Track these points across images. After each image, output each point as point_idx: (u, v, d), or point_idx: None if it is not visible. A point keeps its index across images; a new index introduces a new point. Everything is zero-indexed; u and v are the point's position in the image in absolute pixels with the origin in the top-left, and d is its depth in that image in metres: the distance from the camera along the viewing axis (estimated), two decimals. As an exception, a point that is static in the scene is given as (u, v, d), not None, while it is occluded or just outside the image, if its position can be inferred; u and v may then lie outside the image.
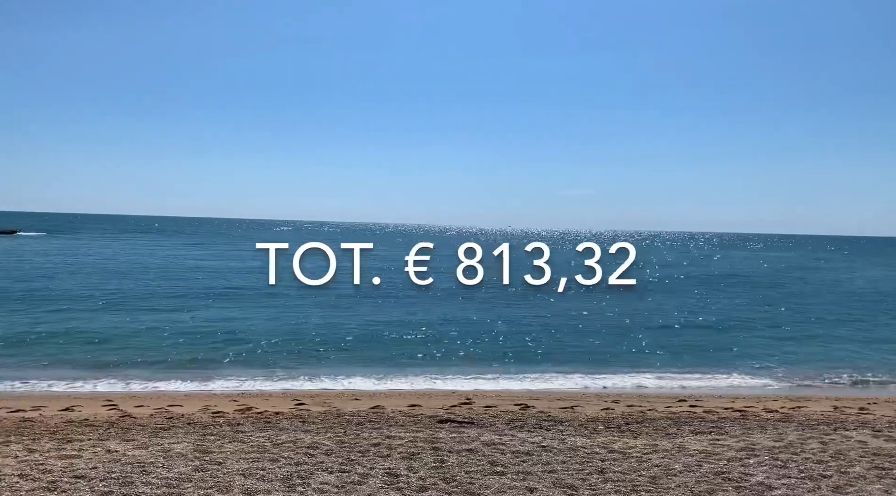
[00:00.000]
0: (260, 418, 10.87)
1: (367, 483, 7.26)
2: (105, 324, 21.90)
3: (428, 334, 22.06)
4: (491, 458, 8.25)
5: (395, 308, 27.83)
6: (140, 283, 34.06)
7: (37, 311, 23.99)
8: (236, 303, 28.09)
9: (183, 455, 8.30)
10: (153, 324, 22.10)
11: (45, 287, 30.92)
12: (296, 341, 20.17)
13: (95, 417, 10.77)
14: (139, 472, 7.53)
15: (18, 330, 20.46)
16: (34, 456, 8.18)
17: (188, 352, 18.26)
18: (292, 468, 7.76)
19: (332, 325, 23.12)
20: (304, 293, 31.24)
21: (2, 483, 7.08)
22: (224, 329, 21.73)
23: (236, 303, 28.09)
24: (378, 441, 9.08)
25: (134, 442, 9.02)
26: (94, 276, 36.79)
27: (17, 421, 10.36)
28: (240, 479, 7.31)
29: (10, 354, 17.41)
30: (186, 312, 25.02)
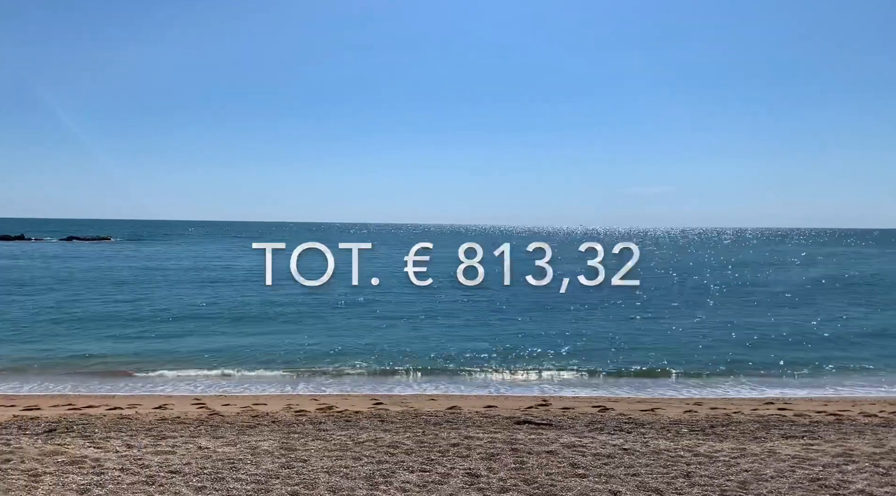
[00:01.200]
0: (340, 417, 11.10)
1: (448, 483, 7.30)
2: (188, 327, 22.90)
3: (496, 336, 22.02)
4: (572, 460, 8.15)
5: (452, 307, 27.92)
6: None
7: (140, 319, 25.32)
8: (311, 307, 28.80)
9: (269, 452, 8.57)
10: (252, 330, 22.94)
11: (142, 297, 32.59)
12: (369, 343, 20.50)
13: (186, 415, 11.25)
14: (229, 469, 7.82)
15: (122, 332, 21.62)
16: (133, 451, 8.62)
17: (272, 351, 18.84)
18: (374, 466, 7.89)
19: (408, 328, 23.40)
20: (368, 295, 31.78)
21: (105, 476, 7.50)
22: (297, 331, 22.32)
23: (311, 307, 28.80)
24: (457, 441, 9.12)
25: (223, 439, 9.38)
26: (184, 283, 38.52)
27: (116, 418, 10.95)
28: (324, 477, 7.49)
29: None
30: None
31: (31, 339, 20.41)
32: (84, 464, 7.99)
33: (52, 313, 25.43)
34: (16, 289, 33.57)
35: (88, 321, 23.80)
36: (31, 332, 21.55)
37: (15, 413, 11.30)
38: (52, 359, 17.71)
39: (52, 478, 7.41)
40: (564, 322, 25.02)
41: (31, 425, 10.20)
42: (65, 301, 28.96)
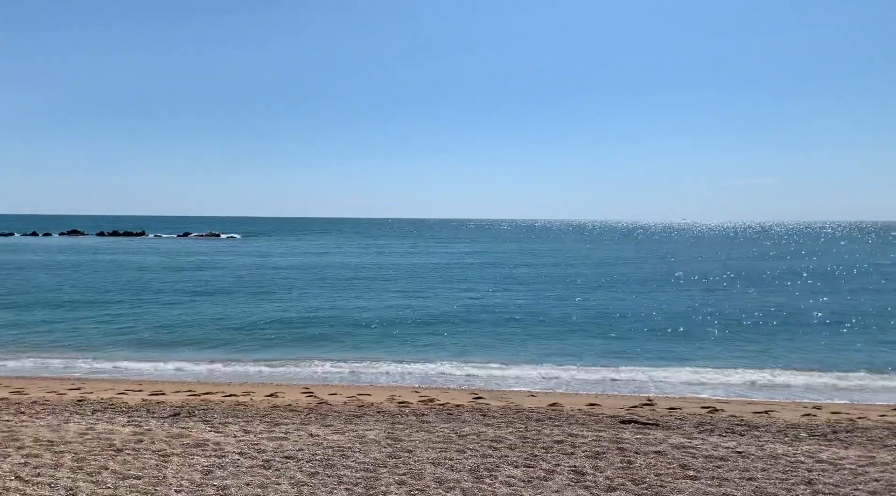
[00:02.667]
0: (442, 410, 11.24)
1: (553, 479, 7.24)
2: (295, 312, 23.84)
3: (603, 326, 21.59)
4: (681, 462, 7.88)
5: (562, 300, 27.58)
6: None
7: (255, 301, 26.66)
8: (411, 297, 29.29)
9: (376, 442, 8.81)
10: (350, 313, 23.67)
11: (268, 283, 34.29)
12: (470, 331, 20.61)
13: (297, 403, 11.73)
14: (339, 456, 8.09)
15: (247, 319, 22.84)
16: (249, 437, 9.08)
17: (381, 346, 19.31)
18: (478, 460, 7.94)
19: (506, 317, 23.37)
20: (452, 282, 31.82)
21: (225, 459, 7.95)
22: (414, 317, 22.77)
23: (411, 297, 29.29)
24: (560, 438, 9.02)
25: (332, 427, 9.72)
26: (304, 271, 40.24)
27: (233, 404, 11.57)
28: (430, 468, 7.61)
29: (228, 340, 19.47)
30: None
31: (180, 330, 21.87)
32: (206, 446, 8.50)
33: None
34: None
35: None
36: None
37: (144, 397, 12.18)
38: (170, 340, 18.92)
39: (179, 458, 7.93)
40: (676, 321, 24.22)
41: (158, 409, 10.96)
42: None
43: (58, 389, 12.97)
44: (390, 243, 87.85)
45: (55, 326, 21.68)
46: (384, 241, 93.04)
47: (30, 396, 12.01)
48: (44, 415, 10.22)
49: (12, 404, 11.12)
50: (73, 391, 12.81)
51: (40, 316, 23.61)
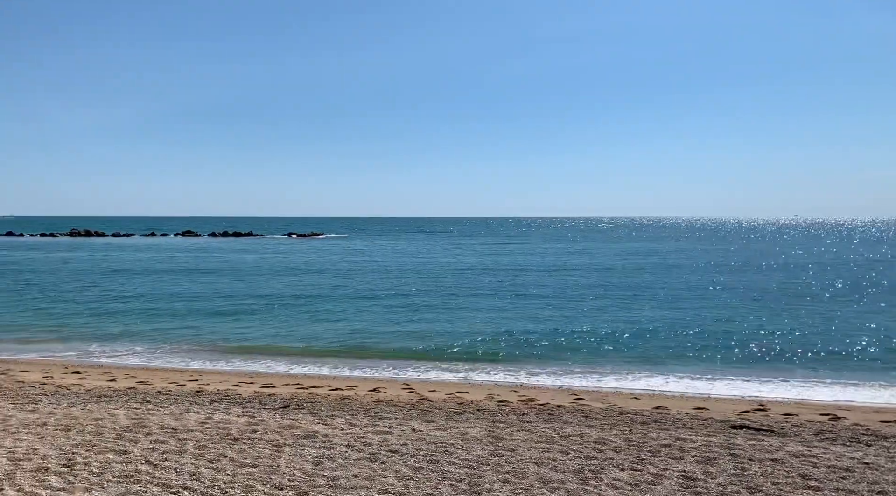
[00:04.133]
0: (543, 410, 11.14)
1: (661, 484, 7.03)
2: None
3: (704, 333, 20.72)
4: (801, 471, 7.45)
5: (661, 305, 26.70)
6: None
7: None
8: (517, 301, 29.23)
9: (478, 439, 8.85)
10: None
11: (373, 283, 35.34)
12: (567, 337, 20.33)
13: (398, 399, 11.97)
14: (442, 452, 8.19)
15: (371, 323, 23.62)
16: (355, 430, 9.35)
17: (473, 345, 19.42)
18: (583, 461, 7.82)
19: (607, 322, 22.88)
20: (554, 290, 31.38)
21: (334, 451, 8.22)
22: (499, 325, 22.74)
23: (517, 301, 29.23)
24: (668, 442, 8.74)
25: (433, 423, 9.85)
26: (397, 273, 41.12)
27: (338, 398, 11.95)
28: (533, 468, 7.57)
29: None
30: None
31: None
32: (316, 438, 8.83)
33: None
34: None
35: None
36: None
37: (256, 389, 12.79)
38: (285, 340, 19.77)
39: (291, 449, 8.27)
40: (793, 321, 22.96)
41: (269, 401, 11.47)
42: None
43: (178, 380, 13.83)
44: (490, 242, 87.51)
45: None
46: (483, 241, 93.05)
47: (154, 386, 12.87)
48: (167, 404, 10.94)
49: (139, 393, 11.97)
50: (192, 382, 13.62)
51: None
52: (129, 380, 13.56)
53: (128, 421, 9.60)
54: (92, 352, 17.92)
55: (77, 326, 21.87)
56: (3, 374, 13.77)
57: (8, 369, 14.57)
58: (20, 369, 14.68)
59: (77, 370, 14.90)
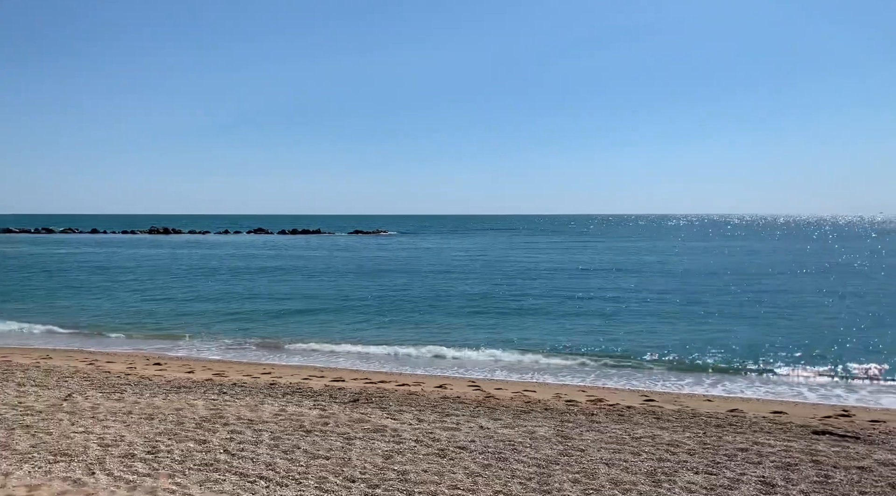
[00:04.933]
0: (612, 410, 10.96)
1: (738, 489, 6.81)
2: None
3: (788, 336, 19.92)
4: (891, 481, 7.08)
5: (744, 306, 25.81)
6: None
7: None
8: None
9: (546, 438, 8.78)
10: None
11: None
12: (641, 337, 19.93)
13: (465, 396, 12.01)
14: (510, 450, 8.17)
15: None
16: (423, 425, 9.44)
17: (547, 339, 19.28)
18: (655, 463, 7.66)
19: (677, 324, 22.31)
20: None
21: (403, 445, 8.32)
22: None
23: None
24: (745, 446, 8.46)
25: (501, 421, 9.83)
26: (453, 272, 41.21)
27: (406, 394, 12.08)
28: (604, 468, 7.46)
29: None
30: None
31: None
32: (385, 432, 8.95)
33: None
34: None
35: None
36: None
37: (326, 383, 13.07)
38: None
39: (362, 442, 8.42)
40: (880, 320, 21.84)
41: (339, 395, 11.70)
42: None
43: (252, 373, 14.27)
44: (567, 240, 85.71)
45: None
46: (557, 239, 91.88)
47: (230, 379, 13.32)
48: (242, 396, 11.31)
49: (216, 385, 12.42)
50: (265, 375, 14.02)
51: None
52: (206, 372, 14.08)
53: (206, 411, 9.98)
54: (172, 346, 18.68)
55: (159, 320, 22.86)
56: (90, 365, 14.53)
57: (95, 360, 15.37)
58: (106, 360, 15.45)
59: (158, 362, 15.58)
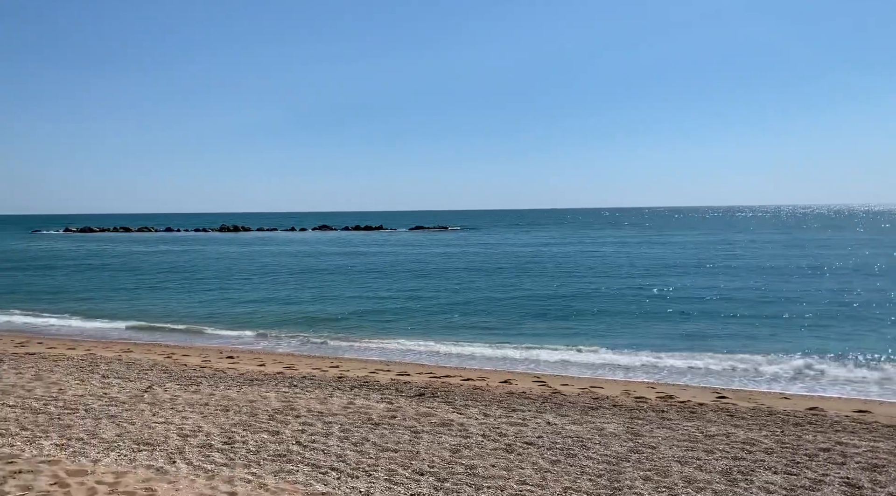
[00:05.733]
0: (683, 407, 10.69)
1: (821, 490, 6.53)
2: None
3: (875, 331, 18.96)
4: None
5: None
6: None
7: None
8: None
9: (616, 435, 8.64)
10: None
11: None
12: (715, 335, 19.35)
13: (530, 391, 11.93)
14: (579, 447, 8.08)
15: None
16: (489, 420, 9.43)
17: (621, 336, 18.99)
18: (730, 462, 7.43)
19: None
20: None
21: (470, 440, 8.34)
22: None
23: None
24: (827, 446, 8.11)
25: (568, 417, 9.73)
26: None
27: (470, 388, 12.10)
28: (676, 466, 7.28)
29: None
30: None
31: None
32: (452, 426, 8.99)
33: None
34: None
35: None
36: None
37: (392, 377, 13.22)
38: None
39: (429, 436, 8.48)
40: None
41: (405, 388, 11.82)
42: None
43: (320, 367, 14.57)
44: (683, 234, 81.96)
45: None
46: (661, 233, 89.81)
47: (299, 372, 13.64)
48: (312, 389, 11.56)
49: (287, 378, 12.74)
50: (333, 369, 14.30)
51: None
52: (276, 366, 14.46)
53: (278, 403, 10.25)
54: (244, 340, 19.26)
55: (231, 315, 23.62)
56: (168, 358, 15.14)
57: (172, 353, 16.00)
58: (182, 354, 16.07)
59: (231, 355, 16.10)
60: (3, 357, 14.16)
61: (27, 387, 10.91)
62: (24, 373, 12.28)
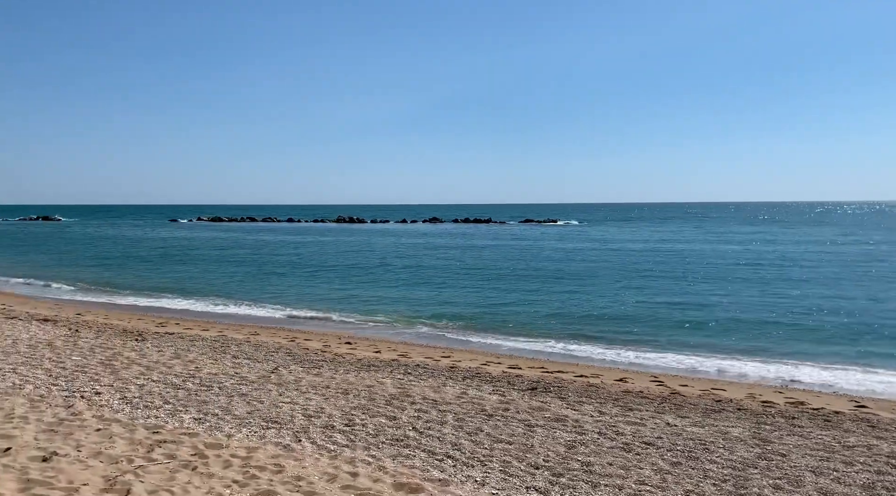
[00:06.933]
0: (816, 415, 10.00)
1: (982, 515, 5.91)
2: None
3: None
4: None
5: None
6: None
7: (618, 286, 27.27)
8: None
9: (741, 440, 8.22)
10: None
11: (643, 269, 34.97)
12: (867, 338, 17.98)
13: (648, 391, 11.57)
14: (702, 450, 7.75)
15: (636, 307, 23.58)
16: (605, 418, 9.24)
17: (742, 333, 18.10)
18: (873, 476, 6.88)
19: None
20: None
21: (586, 437, 8.20)
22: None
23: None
24: None
25: (689, 419, 9.36)
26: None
27: (585, 385, 11.89)
28: (810, 476, 6.84)
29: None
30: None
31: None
32: (566, 422, 8.89)
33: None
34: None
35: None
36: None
37: (504, 369, 13.24)
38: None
39: (543, 430, 8.42)
40: None
41: (517, 382, 11.80)
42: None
43: (433, 356, 14.83)
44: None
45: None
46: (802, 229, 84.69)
47: (413, 360, 13.95)
48: (425, 377, 11.79)
49: (401, 365, 13.07)
50: (445, 358, 14.51)
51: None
52: (391, 353, 14.86)
53: (394, 389, 10.53)
54: (357, 326, 19.94)
55: (355, 303, 24.51)
56: (291, 342, 15.93)
57: (295, 337, 16.82)
58: (304, 338, 16.85)
59: (349, 341, 16.71)
60: (147, 335, 15.43)
61: (168, 364, 11.82)
62: (165, 351, 13.32)
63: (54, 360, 11.52)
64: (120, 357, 12.25)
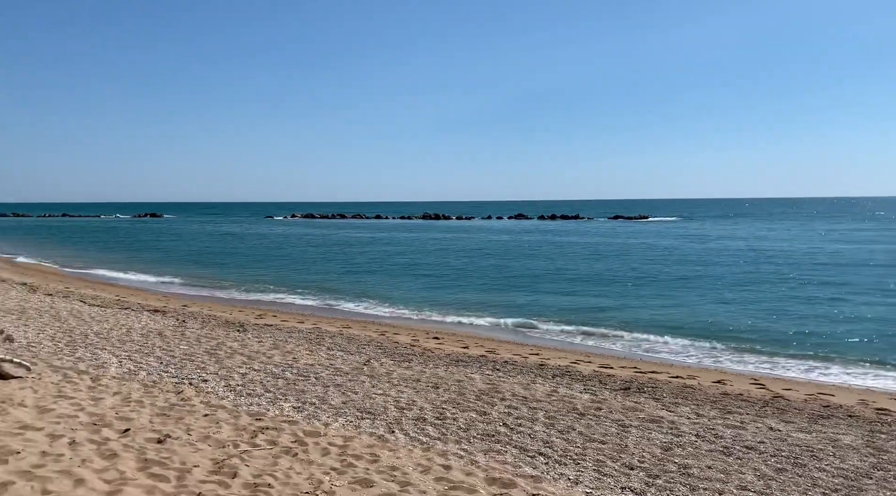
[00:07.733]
0: (938, 425, 9.27)
1: None
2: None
3: None
4: None
5: None
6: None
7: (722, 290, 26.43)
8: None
9: (854, 448, 7.75)
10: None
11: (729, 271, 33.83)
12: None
13: (748, 394, 11.09)
14: (809, 456, 7.37)
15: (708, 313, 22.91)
16: (703, 420, 8.92)
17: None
18: None
19: None
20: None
21: (683, 439, 7.95)
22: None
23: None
24: None
25: (794, 424, 8.91)
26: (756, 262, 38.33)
27: (680, 386, 11.52)
28: (933, 491, 6.36)
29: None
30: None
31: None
32: (661, 423, 8.65)
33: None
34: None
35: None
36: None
37: (594, 368, 13.02)
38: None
39: (638, 431, 8.23)
40: None
41: (609, 381, 11.58)
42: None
43: (521, 353, 14.77)
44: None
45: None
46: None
47: (501, 356, 13.94)
48: (514, 374, 11.76)
49: (489, 361, 13.09)
50: (534, 356, 14.42)
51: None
52: (479, 349, 14.91)
53: (483, 385, 10.57)
54: (440, 322, 20.12)
55: (437, 297, 24.80)
56: (381, 335, 16.26)
57: (385, 331, 17.17)
58: (393, 332, 17.17)
59: (437, 336, 16.89)
60: (248, 326, 16.15)
61: (267, 354, 12.33)
62: (264, 341, 13.90)
63: (164, 349, 12.25)
64: (223, 346, 12.89)
